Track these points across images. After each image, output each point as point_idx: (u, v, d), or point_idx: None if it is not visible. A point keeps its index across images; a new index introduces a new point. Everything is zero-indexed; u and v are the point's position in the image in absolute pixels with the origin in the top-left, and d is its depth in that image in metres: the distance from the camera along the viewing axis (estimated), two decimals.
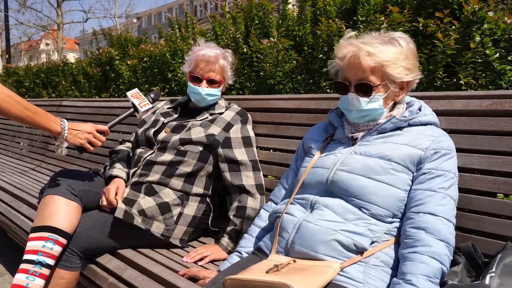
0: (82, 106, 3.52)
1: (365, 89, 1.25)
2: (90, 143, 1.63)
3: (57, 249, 1.49)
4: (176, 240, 1.72)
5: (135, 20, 39.29)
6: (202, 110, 1.92)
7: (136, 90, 1.85)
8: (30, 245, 1.49)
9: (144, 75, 4.31)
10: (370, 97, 1.25)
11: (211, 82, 1.86)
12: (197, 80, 1.86)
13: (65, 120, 1.58)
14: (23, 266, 1.46)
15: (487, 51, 1.80)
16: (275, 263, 1.11)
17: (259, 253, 1.33)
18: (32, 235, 1.51)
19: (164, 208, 1.69)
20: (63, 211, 1.53)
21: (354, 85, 1.26)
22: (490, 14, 1.84)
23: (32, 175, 3.16)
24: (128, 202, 1.65)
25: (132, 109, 1.83)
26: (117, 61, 4.81)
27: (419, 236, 1.10)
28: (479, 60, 1.85)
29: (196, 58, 1.86)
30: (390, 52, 1.24)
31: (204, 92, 1.85)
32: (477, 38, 1.85)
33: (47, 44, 43.33)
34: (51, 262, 1.48)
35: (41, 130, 1.55)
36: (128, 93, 1.84)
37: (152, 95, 1.88)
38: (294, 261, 1.14)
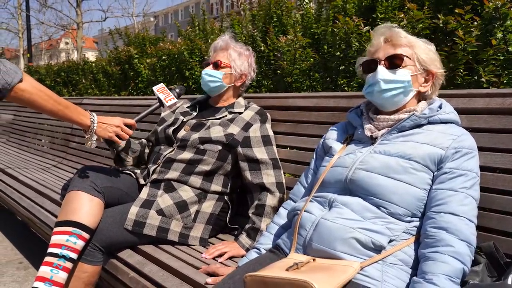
0: (102, 104, 3.59)
1: (395, 62, 1.26)
2: (118, 136, 1.67)
3: (80, 244, 1.53)
4: (196, 240, 1.73)
5: (152, 19, 39.63)
6: (221, 108, 1.94)
7: (162, 84, 1.88)
8: (55, 239, 1.53)
9: (162, 74, 4.35)
10: (400, 67, 1.26)
11: (215, 65, 1.92)
12: (207, 65, 1.96)
13: (94, 114, 1.64)
14: (47, 259, 1.50)
15: (510, 48, 1.77)
16: (294, 261, 1.11)
17: (277, 251, 1.34)
18: (56, 229, 1.55)
19: (182, 207, 1.71)
20: (86, 207, 1.57)
21: (384, 59, 1.29)
22: None
23: (54, 172, 3.23)
24: (146, 203, 1.68)
25: (158, 104, 1.86)
26: (136, 60, 4.87)
27: (440, 236, 1.09)
28: (501, 58, 1.81)
29: (211, 47, 1.98)
30: (420, 41, 1.32)
31: (204, 72, 1.92)
32: (499, 35, 1.82)
33: (66, 43, 44.04)
34: (74, 256, 1.52)
35: (72, 123, 1.61)
36: (154, 88, 1.87)
37: (177, 90, 1.91)
38: (314, 259, 1.14)
